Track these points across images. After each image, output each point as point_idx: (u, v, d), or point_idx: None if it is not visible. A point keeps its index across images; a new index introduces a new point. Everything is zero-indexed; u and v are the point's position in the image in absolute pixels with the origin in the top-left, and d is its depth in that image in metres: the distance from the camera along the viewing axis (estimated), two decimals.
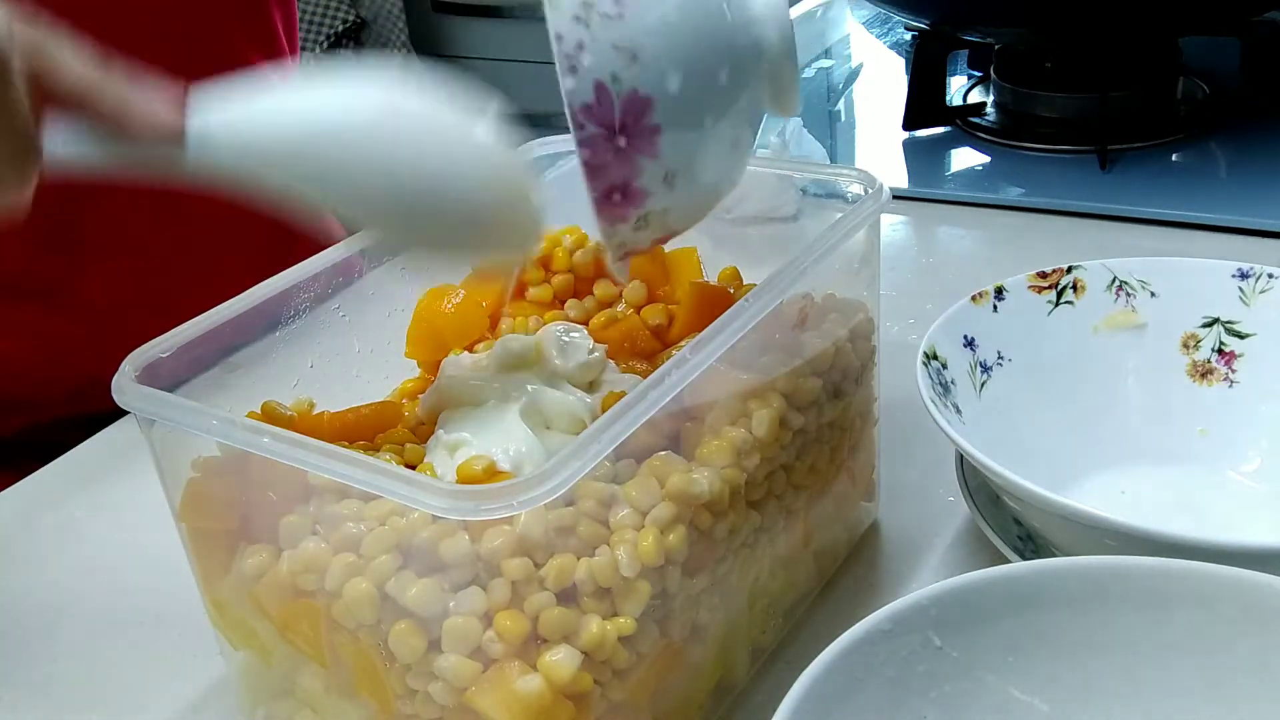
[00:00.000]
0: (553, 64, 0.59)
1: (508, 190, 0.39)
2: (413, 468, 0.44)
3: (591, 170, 0.38)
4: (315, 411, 0.49)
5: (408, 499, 0.37)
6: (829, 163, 0.96)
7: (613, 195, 0.38)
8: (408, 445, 0.47)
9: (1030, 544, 0.52)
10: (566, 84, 0.37)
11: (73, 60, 0.37)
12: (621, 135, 0.37)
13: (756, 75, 0.40)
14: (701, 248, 0.57)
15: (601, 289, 0.56)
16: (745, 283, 0.56)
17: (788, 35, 0.40)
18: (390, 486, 0.37)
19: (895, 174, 0.94)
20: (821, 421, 0.49)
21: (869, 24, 1.25)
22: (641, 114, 0.37)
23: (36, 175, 0.38)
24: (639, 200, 0.39)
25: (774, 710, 0.35)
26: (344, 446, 0.40)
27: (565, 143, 0.58)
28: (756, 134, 0.42)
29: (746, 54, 0.39)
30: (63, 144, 0.37)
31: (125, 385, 0.43)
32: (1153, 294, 0.58)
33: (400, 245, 0.42)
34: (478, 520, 0.37)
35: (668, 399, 0.40)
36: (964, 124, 0.99)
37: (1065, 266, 0.59)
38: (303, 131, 0.37)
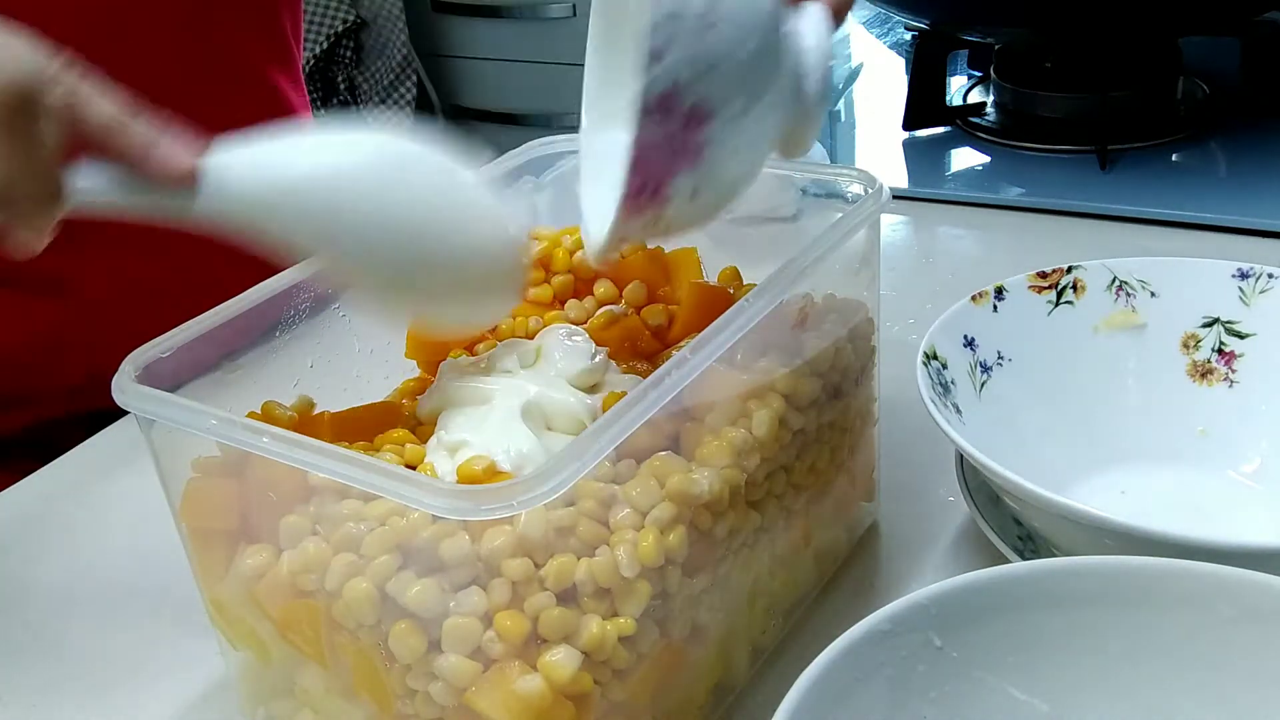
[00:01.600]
0: (552, 64, 0.59)
1: (495, 248, 0.41)
2: (413, 468, 0.44)
3: (636, 164, 0.38)
4: (315, 412, 0.49)
5: (408, 499, 0.37)
6: (829, 163, 0.96)
7: (642, 193, 0.39)
8: (408, 445, 0.47)
9: (1030, 544, 0.52)
10: (651, 71, 0.37)
11: (102, 103, 0.38)
12: (676, 139, 0.38)
13: (787, 119, 0.42)
14: (701, 248, 0.57)
15: (602, 289, 0.56)
16: (745, 283, 0.56)
17: (824, 94, 0.42)
18: (390, 486, 0.37)
19: (895, 174, 0.94)
20: (821, 421, 0.49)
21: (869, 24, 1.25)
22: (701, 125, 0.38)
23: (59, 214, 0.39)
24: (662, 204, 0.40)
25: (774, 710, 0.35)
26: (344, 446, 0.40)
27: (566, 143, 0.59)
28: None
29: (789, 97, 0.41)
30: (86, 183, 0.39)
31: (125, 385, 0.43)
32: (1153, 294, 0.58)
33: (384, 297, 0.43)
34: (478, 520, 0.37)
35: (668, 399, 0.40)
36: (964, 124, 0.99)
37: (1065, 266, 0.59)
38: (302, 182, 0.39)
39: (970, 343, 0.56)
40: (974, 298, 0.57)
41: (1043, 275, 0.59)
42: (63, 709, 0.52)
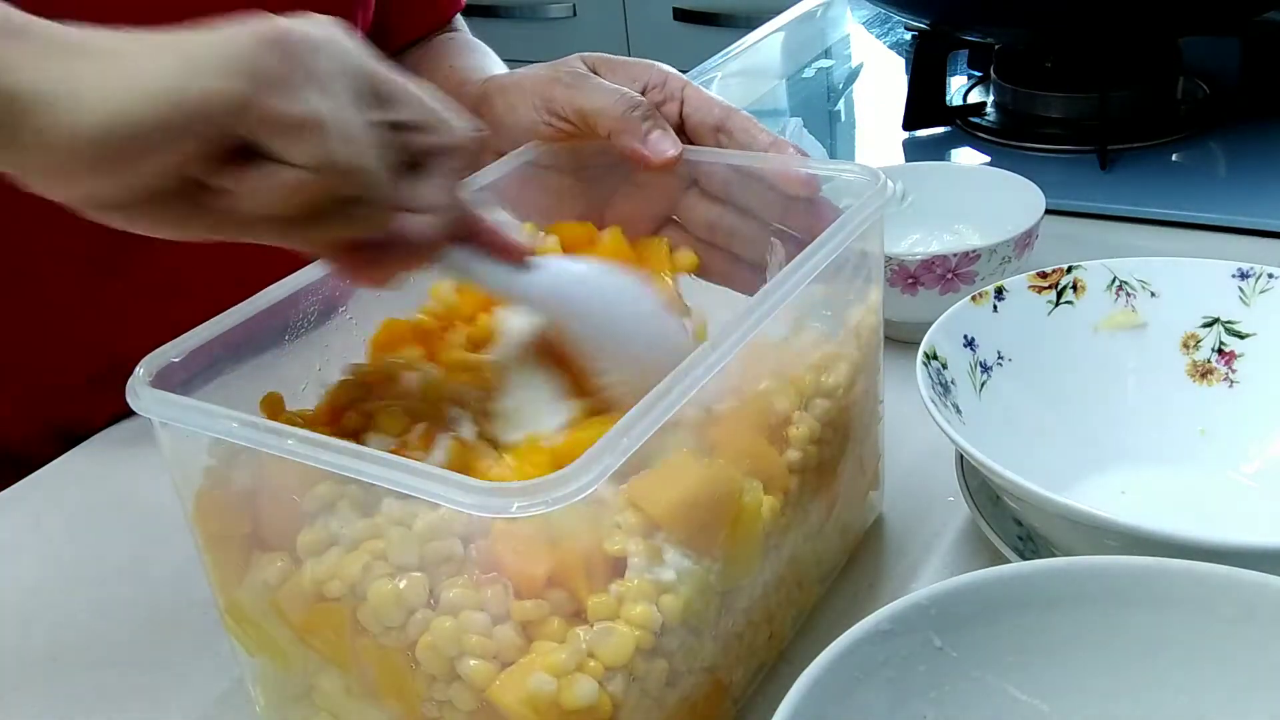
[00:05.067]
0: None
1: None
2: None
3: None
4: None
5: (438, 497, 0.36)
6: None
7: None
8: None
9: (1030, 544, 0.52)
10: None
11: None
12: None
13: None
14: None
15: None
16: None
17: None
18: (419, 485, 0.36)
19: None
20: (823, 423, 0.49)
21: (869, 24, 1.25)
22: None
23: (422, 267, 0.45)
24: None
25: (774, 710, 0.36)
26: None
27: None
28: None
29: None
30: (459, 259, 0.47)
31: (139, 389, 0.42)
32: (1153, 294, 0.59)
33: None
34: (508, 518, 0.36)
35: (690, 395, 0.40)
36: (964, 124, 0.99)
37: (1065, 266, 0.59)
38: (592, 293, 0.50)
39: (970, 343, 0.57)
40: (974, 298, 0.58)
41: (1043, 275, 0.59)
42: (71, 713, 0.52)
